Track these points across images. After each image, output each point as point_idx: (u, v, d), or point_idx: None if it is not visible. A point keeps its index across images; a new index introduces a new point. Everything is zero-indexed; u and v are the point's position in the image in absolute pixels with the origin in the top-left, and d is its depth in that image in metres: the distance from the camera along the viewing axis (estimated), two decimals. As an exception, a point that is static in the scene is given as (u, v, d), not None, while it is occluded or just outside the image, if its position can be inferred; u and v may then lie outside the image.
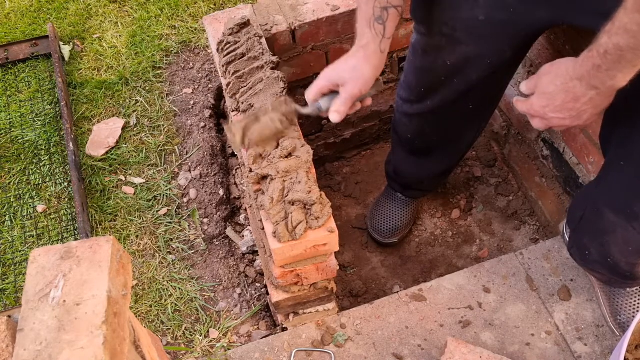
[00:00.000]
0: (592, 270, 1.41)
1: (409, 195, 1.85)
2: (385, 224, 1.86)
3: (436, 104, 1.42)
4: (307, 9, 1.61)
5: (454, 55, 1.29)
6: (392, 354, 1.42)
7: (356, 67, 1.15)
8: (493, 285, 1.51)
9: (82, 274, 0.73)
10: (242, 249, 1.82)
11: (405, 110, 1.54)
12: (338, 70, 1.18)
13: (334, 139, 2.06)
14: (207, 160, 1.98)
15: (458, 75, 1.33)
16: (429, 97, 1.43)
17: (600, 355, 1.39)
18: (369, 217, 1.92)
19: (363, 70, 1.15)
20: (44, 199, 1.97)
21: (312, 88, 1.21)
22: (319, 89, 1.20)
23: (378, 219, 1.88)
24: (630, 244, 1.21)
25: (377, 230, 1.88)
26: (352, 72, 1.15)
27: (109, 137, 2.08)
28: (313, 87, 1.20)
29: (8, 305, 1.75)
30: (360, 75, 1.15)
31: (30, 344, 0.68)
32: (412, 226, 1.93)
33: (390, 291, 1.82)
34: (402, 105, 1.54)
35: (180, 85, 2.22)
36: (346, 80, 1.15)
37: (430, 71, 1.37)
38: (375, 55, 1.16)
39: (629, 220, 1.17)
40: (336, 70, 1.18)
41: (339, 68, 1.18)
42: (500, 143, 2.00)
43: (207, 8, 2.45)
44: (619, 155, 1.17)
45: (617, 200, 1.18)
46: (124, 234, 1.86)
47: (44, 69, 2.32)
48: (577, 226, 1.38)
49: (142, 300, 1.72)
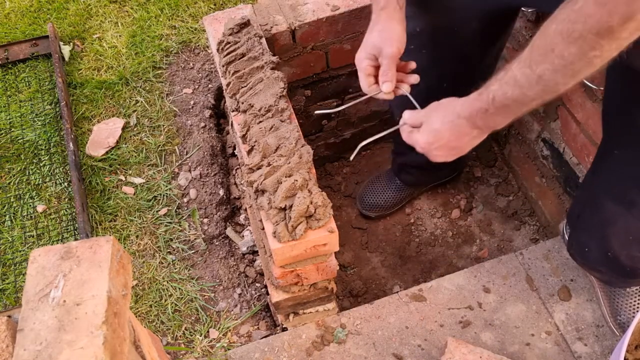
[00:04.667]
0: (592, 269, 1.41)
1: (403, 179, 1.92)
2: (369, 196, 1.96)
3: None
4: (307, 9, 1.61)
5: (423, 22, 1.32)
6: (392, 354, 1.42)
7: (384, 28, 1.14)
8: (493, 285, 1.51)
9: (82, 274, 0.73)
10: (242, 249, 1.82)
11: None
12: (368, 42, 1.16)
13: (334, 139, 2.06)
14: (207, 160, 1.98)
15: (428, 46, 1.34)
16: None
17: (600, 355, 1.39)
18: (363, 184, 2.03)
19: (393, 29, 1.14)
20: (44, 199, 1.97)
21: (360, 79, 1.18)
22: (364, 73, 1.17)
23: (366, 188, 1.98)
24: (631, 233, 1.21)
25: (360, 197, 1.98)
26: (382, 34, 1.14)
27: (109, 137, 2.08)
28: (360, 78, 1.18)
29: (8, 305, 1.75)
30: (392, 34, 1.13)
31: (30, 344, 0.68)
32: (395, 210, 1.98)
33: (390, 291, 1.82)
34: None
35: (180, 85, 2.22)
36: (380, 46, 1.14)
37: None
38: (397, 12, 1.15)
39: (628, 208, 1.17)
40: (367, 44, 1.16)
41: (368, 41, 1.16)
42: (500, 143, 2.01)
43: (207, 8, 2.45)
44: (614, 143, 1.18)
45: (616, 189, 1.19)
46: (124, 234, 1.86)
47: (44, 69, 2.32)
48: (576, 223, 1.38)
49: (142, 300, 1.72)
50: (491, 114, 0.96)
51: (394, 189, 1.93)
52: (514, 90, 0.90)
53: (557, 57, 0.82)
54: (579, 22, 0.77)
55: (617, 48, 0.79)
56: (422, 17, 1.33)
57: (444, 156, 1.08)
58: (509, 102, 0.92)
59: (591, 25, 0.76)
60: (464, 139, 1.04)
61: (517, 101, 0.91)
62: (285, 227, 1.16)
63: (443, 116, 1.04)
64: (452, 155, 1.08)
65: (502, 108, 0.94)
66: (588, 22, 0.76)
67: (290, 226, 1.16)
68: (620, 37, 0.76)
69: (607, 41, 0.77)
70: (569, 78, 0.85)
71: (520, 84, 0.88)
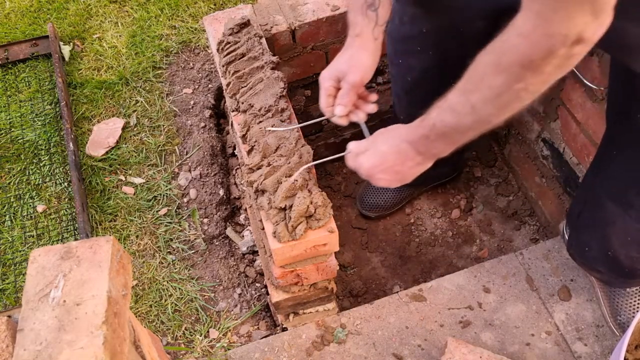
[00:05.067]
0: (592, 269, 1.41)
1: None
2: (369, 196, 1.95)
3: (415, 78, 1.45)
4: (307, 9, 1.61)
5: (429, 23, 1.33)
6: (392, 354, 1.42)
7: (353, 55, 1.15)
8: (493, 285, 1.51)
9: (82, 274, 0.73)
10: (242, 249, 1.82)
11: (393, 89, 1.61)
12: (335, 65, 1.17)
13: (334, 139, 2.06)
14: (207, 160, 1.98)
15: (433, 46, 1.36)
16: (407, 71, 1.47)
17: (600, 355, 1.39)
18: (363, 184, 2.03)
19: (361, 58, 1.14)
20: (44, 199, 1.97)
21: (320, 97, 1.19)
22: (325, 92, 1.18)
23: (366, 188, 1.98)
24: (629, 234, 1.22)
25: (360, 197, 1.98)
26: (350, 61, 1.14)
27: (109, 137, 2.08)
28: (321, 95, 1.19)
29: (8, 305, 1.75)
30: (359, 63, 1.14)
31: (30, 344, 0.68)
32: (395, 210, 1.97)
33: (390, 291, 1.82)
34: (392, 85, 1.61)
35: (180, 85, 2.22)
36: (345, 71, 1.14)
37: (407, 40, 1.41)
38: (371, 42, 1.15)
39: (626, 209, 1.18)
40: (334, 66, 1.17)
41: (335, 63, 1.17)
42: (500, 143, 2.00)
43: (207, 8, 2.45)
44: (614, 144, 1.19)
45: (615, 189, 1.20)
46: (124, 234, 1.86)
47: (44, 69, 2.32)
48: (576, 222, 1.38)
49: (142, 300, 1.72)
50: (432, 140, 0.98)
51: (394, 189, 1.93)
52: (451, 118, 0.92)
53: (487, 88, 0.84)
54: (505, 54, 0.79)
55: (543, 82, 0.80)
56: (427, 18, 1.34)
57: (387, 181, 1.09)
58: (447, 129, 0.94)
59: (515, 58, 0.78)
60: (407, 164, 1.05)
61: (455, 129, 0.93)
62: (285, 227, 1.16)
63: (389, 139, 1.06)
64: (396, 181, 1.09)
65: (441, 135, 0.96)
66: (513, 54, 0.78)
67: (290, 226, 1.16)
68: (544, 72, 0.78)
69: (531, 74, 0.79)
70: (499, 110, 0.86)
71: (457, 112, 0.90)
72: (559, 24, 0.71)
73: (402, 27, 1.41)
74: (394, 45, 1.50)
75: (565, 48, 0.73)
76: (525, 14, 0.74)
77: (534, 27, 0.74)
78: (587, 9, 0.69)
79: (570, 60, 0.76)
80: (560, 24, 0.71)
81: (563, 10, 0.70)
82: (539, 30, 0.73)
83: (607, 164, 1.22)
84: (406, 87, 1.54)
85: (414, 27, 1.38)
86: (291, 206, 1.16)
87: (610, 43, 1.01)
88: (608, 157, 1.21)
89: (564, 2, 0.69)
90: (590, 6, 0.69)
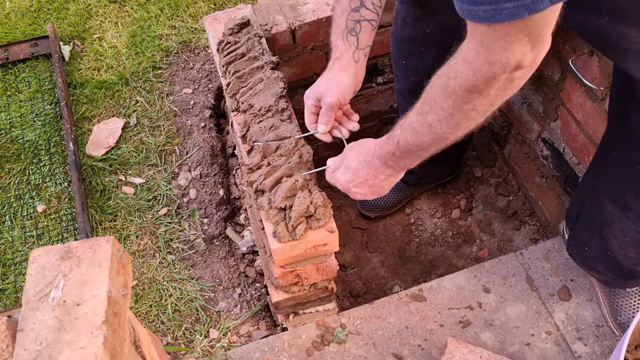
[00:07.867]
0: (592, 268, 1.41)
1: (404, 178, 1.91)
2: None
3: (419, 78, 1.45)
4: (307, 9, 1.61)
5: (433, 24, 1.36)
6: (392, 354, 1.42)
7: (332, 77, 1.19)
8: (493, 285, 1.51)
9: (82, 274, 0.73)
10: (242, 249, 1.82)
11: (397, 87, 1.63)
12: (316, 85, 1.21)
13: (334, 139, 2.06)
14: (207, 160, 1.98)
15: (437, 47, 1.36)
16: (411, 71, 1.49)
17: (600, 355, 1.39)
18: None
19: (339, 79, 1.18)
20: (44, 199, 1.97)
21: (305, 114, 1.23)
22: (307, 110, 1.22)
23: None
24: (627, 235, 1.23)
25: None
26: (328, 82, 1.18)
27: (109, 137, 2.08)
28: (305, 113, 1.23)
29: (8, 305, 1.75)
30: (337, 84, 1.18)
31: (30, 344, 0.68)
32: (395, 210, 1.97)
33: (390, 291, 1.82)
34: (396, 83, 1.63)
35: (180, 85, 2.22)
36: (323, 92, 1.18)
37: (410, 41, 1.43)
38: (350, 65, 1.19)
39: (624, 211, 1.19)
40: (315, 86, 1.21)
41: (316, 84, 1.21)
42: (500, 143, 2.00)
43: (207, 8, 2.45)
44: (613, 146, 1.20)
45: (614, 191, 1.21)
46: (124, 234, 1.86)
47: (44, 69, 2.32)
48: (575, 223, 1.39)
49: (142, 300, 1.72)
50: (398, 156, 1.02)
51: (394, 189, 1.93)
52: (412, 137, 0.96)
53: (439, 108, 0.88)
54: (452, 78, 0.83)
55: (491, 104, 0.84)
56: (431, 19, 1.36)
57: (364, 194, 1.12)
58: (410, 147, 0.98)
59: (461, 83, 0.82)
60: (380, 177, 1.09)
61: (417, 146, 0.97)
62: (285, 227, 1.16)
63: (359, 155, 1.09)
64: (372, 194, 1.12)
65: (406, 152, 1.00)
66: (458, 79, 0.82)
67: (290, 226, 1.16)
68: (489, 94, 0.81)
69: (477, 97, 0.82)
70: (453, 128, 0.90)
71: (416, 131, 0.94)
72: (499, 53, 0.75)
73: (405, 28, 1.43)
74: (397, 46, 1.51)
75: (506, 74, 0.77)
76: (470, 41, 0.78)
77: (477, 54, 0.77)
78: (525, 40, 0.73)
79: (512, 83, 0.80)
80: (501, 53, 0.75)
81: (502, 41, 0.73)
82: (481, 57, 0.77)
83: (605, 165, 1.23)
84: (410, 87, 1.55)
85: (417, 28, 1.40)
86: (291, 206, 1.16)
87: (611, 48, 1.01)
88: (607, 158, 1.22)
89: (503, 34, 0.73)
90: (527, 38, 0.73)
